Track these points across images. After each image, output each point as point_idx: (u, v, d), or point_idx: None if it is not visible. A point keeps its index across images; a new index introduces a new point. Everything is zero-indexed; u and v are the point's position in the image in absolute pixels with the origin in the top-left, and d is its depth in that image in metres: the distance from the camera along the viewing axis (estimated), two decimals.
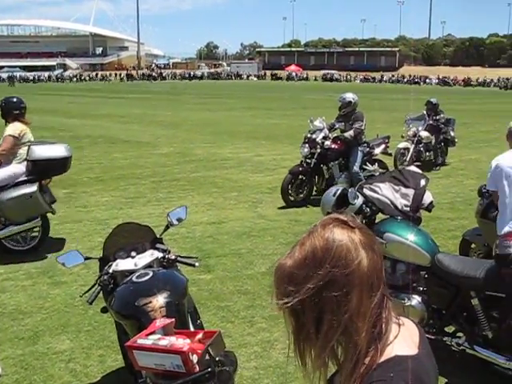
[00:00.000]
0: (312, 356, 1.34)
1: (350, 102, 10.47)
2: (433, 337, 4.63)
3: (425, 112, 13.97)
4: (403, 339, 1.35)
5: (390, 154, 11.93)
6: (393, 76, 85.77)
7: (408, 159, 12.94)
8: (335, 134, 10.61)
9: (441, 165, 13.98)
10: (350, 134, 10.16)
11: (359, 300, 1.28)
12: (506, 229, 4.52)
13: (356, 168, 10.09)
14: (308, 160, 10.08)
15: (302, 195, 10.01)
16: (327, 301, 1.28)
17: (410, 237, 4.68)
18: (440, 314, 4.69)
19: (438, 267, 4.54)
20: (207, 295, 5.99)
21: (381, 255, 1.36)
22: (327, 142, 10.10)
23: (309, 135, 10.24)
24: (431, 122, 13.76)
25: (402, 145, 13.48)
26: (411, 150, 13.26)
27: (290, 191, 9.85)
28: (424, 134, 13.52)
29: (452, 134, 14.41)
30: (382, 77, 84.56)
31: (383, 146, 10.91)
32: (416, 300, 4.65)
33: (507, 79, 71.49)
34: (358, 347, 1.29)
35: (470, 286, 4.36)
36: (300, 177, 10.00)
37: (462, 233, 6.83)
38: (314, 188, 10.35)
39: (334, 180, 10.11)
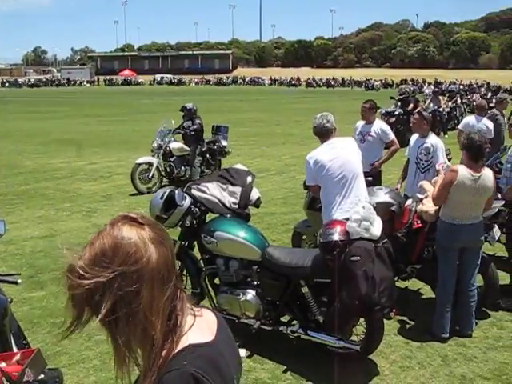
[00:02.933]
0: (115, 362, 1.32)
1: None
2: (270, 328, 4.79)
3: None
4: (198, 328, 1.38)
5: None
6: (227, 78, 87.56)
7: (150, 176, 11.26)
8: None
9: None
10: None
11: (152, 295, 1.29)
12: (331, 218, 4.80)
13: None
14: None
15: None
16: (120, 299, 1.26)
17: (240, 233, 4.78)
18: (274, 305, 4.85)
19: (269, 260, 4.69)
20: (40, 313, 5.67)
21: (171, 249, 1.37)
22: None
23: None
24: (182, 130, 11.95)
25: (142, 159, 11.36)
26: (155, 165, 11.34)
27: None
28: (175, 145, 11.74)
29: (224, 143, 12.59)
30: (219, 79, 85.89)
31: None
32: (251, 294, 4.77)
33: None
34: (154, 342, 1.29)
35: (299, 276, 4.56)
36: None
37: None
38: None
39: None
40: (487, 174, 4.97)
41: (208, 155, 12.25)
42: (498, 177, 5.97)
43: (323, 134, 5.22)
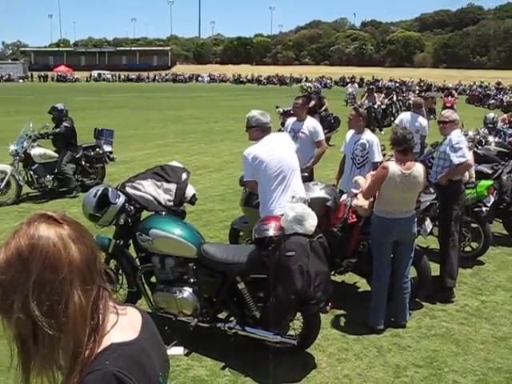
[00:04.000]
0: (37, 369, 1.25)
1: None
2: (207, 325, 4.76)
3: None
4: (121, 327, 1.35)
5: None
6: (166, 75, 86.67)
7: (2, 186, 9.72)
8: None
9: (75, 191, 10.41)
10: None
11: (74, 295, 1.24)
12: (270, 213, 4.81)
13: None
14: None
15: None
16: (40, 300, 1.20)
17: (176, 231, 4.73)
18: (211, 302, 4.83)
19: (205, 257, 4.67)
20: None
21: (92, 247, 1.32)
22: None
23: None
24: (45, 136, 10.35)
25: None
26: (8, 174, 9.73)
27: None
28: (37, 151, 10.10)
29: (107, 148, 11.19)
30: (155, 76, 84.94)
31: None
32: (187, 292, 4.73)
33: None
34: (78, 342, 1.25)
35: (235, 272, 4.56)
36: None
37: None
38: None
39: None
40: (418, 169, 5.10)
41: (84, 162, 10.79)
42: (429, 171, 6.15)
43: (263, 130, 5.23)
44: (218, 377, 4.46)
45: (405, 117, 10.07)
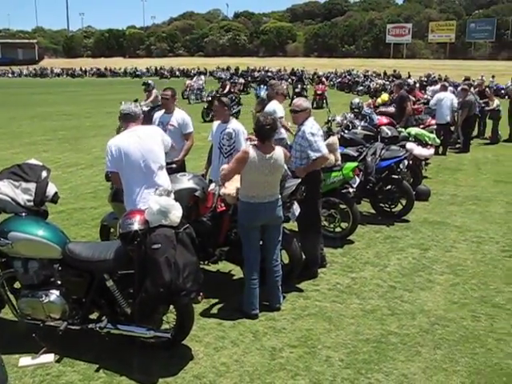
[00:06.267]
0: None
1: None
2: (78, 327, 4.60)
3: None
4: None
5: None
6: (34, 70, 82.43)
7: None
8: None
9: None
10: None
11: None
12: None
13: None
14: None
15: None
16: None
17: (37, 232, 4.51)
18: (81, 302, 4.66)
19: (70, 257, 4.50)
20: None
21: None
22: None
23: None
24: None
25: None
26: None
27: None
28: None
29: None
30: (21, 71, 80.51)
31: None
32: (54, 295, 4.54)
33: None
34: None
35: (102, 270, 4.44)
36: None
37: None
38: None
39: None
40: (278, 153, 5.22)
41: None
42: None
43: (129, 118, 5.15)
44: (92, 380, 4.31)
45: (272, 106, 10.23)
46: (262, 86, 25.95)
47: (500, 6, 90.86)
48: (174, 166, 6.26)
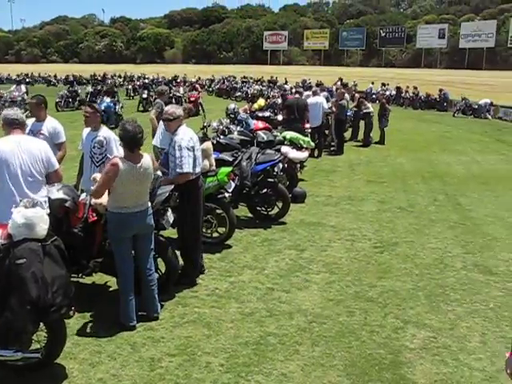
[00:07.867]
0: None
1: None
2: None
3: None
4: None
5: None
6: None
7: None
8: None
9: None
10: None
11: None
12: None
13: None
14: None
15: None
16: None
17: None
18: None
19: None
20: None
21: None
22: None
23: None
24: None
25: None
26: None
27: None
28: None
29: None
30: None
31: None
32: None
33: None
34: None
35: None
36: None
37: None
38: None
39: None
40: (146, 161, 5.13)
41: None
42: None
43: (9, 124, 4.98)
44: None
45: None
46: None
47: (368, 16, 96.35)
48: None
